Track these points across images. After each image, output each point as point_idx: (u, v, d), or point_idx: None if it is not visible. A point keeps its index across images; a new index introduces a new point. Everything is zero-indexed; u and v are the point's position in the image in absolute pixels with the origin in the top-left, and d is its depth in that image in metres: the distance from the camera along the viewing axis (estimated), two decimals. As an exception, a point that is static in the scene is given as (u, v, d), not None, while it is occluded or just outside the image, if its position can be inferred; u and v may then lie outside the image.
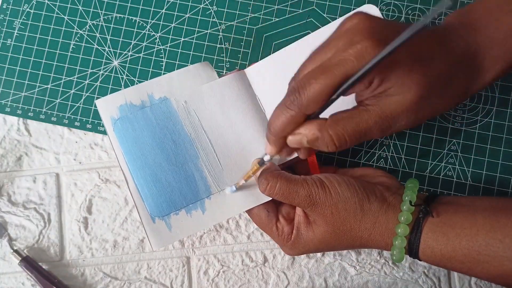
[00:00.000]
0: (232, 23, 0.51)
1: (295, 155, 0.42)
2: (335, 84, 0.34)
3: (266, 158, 0.41)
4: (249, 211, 0.44)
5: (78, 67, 0.52)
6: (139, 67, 0.51)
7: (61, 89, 0.51)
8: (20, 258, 0.48)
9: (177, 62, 0.51)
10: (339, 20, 0.38)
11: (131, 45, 0.52)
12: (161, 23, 0.52)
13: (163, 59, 0.51)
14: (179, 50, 0.51)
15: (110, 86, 0.51)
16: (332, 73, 0.34)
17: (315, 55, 0.37)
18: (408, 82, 0.35)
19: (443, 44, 0.38)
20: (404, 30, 0.30)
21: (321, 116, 0.37)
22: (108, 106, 0.44)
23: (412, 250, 0.39)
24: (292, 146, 0.38)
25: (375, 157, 0.49)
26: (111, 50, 0.52)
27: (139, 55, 0.51)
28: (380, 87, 0.35)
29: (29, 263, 0.48)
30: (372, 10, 0.46)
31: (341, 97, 0.35)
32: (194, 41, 0.51)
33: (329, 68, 0.34)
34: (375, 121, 0.36)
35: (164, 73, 0.51)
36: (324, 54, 0.36)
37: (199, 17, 0.52)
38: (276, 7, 0.51)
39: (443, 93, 0.38)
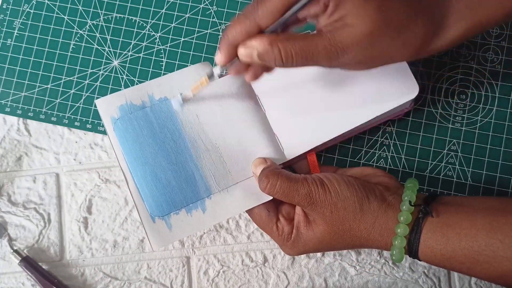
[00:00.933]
0: (232, 23, 0.51)
1: (243, 76, 0.42)
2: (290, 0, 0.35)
3: (216, 70, 0.40)
4: (249, 211, 0.44)
5: (78, 67, 0.52)
6: (139, 67, 0.51)
7: (61, 89, 0.51)
8: (20, 258, 0.48)
9: (177, 62, 0.51)
10: None
11: (131, 45, 0.52)
12: (161, 23, 0.52)
13: (163, 59, 0.51)
14: (179, 50, 0.51)
15: (110, 86, 0.51)
16: None
17: None
18: (363, 13, 0.35)
19: None
20: None
21: None
22: (108, 106, 0.44)
23: (412, 250, 0.39)
24: (242, 58, 0.37)
25: (375, 157, 0.49)
26: (111, 50, 0.52)
27: (139, 55, 0.51)
28: (335, 13, 0.35)
29: (29, 263, 0.48)
30: None
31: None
32: (194, 41, 0.51)
33: None
34: (324, 46, 0.35)
35: (164, 73, 0.51)
36: None
37: (199, 17, 0.52)
38: (276, 7, 0.51)
39: (397, 36, 0.36)
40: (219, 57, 0.39)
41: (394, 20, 0.36)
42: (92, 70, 0.51)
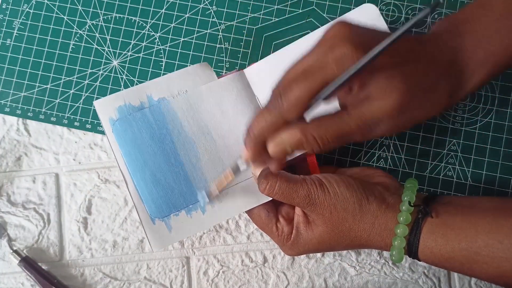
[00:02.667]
0: (231, 23, 0.51)
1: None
2: (315, 89, 0.34)
3: (242, 166, 0.40)
4: (249, 212, 0.44)
5: (77, 67, 0.51)
6: (138, 67, 0.51)
7: (60, 89, 0.51)
8: (19, 258, 0.48)
9: (176, 62, 0.51)
10: (329, 25, 0.39)
11: (131, 45, 0.52)
12: (161, 23, 0.52)
13: (163, 59, 0.51)
14: (179, 50, 0.51)
15: (109, 86, 0.51)
16: (312, 78, 0.34)
17: (298, 62, 0.37)
18: (389, 88, 0.35)
19: (425, 50, 0.38)
20: (383, 37, 0.30)
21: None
22: (106, 107, 0.44)
23: (411, 251, 0.39)
24: (274, 153, 0.38)
25: (375, 157, 0.49)
26: (111, 50, 0.52)
27: (139, 55, 0.51)
28: (361, 92, 0.36)
29: (29, 263, 0.48)
30: (372, 10, 0.46)
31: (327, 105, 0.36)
32: (193, 41, 0.51)
33: (309, 74, 0.35)
34: (356, 125, 0.36)
35: (163, 73, 0.51)
36: (306, 61, 0.36)
37: (198, 17, 0.52)
38: (276, 7, 0.51)
39: (425, 100, 0.37)
40: (247, 155, 0.39)
41: (421, 87, 0.37)
42: (91, 70, 0.51)
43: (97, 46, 0.52)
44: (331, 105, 0.38)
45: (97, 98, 0.51)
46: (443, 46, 0.39)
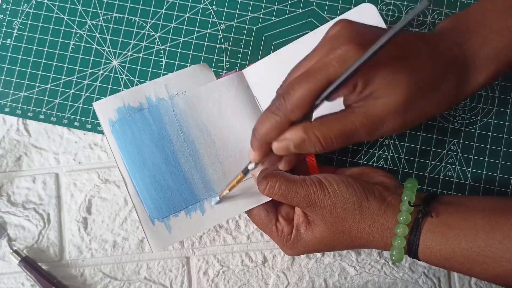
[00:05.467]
0: (231, 23, 0.51)
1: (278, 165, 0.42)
2: (318, 89, 0.34)
3: (250, 166, 0.41)
4: (248, 212, 0.44)
5: (77, 67, 0.51)
6: (138, 67, 0.51)
7: (60, 89, 0.51)
8: (19, 258, 0.48)
9: (176, 62, 0.51)
10: (330, 24, 0.38)
11: (131, 45, 0.52)
12: (161, 23, 0.52)
13: (163, 59, 0.51)
14: (179, 50, 0.51)
15: (109, 86, 0.51)
16: (315, 78, 0.34)
17: (301, 63, 0.37)
18: (394, 84, 0.35)
19: (431, 45, 0.38)
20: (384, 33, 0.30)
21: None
22: (106, 109, 0.44)
23: (411, 250, 0.39)
24: (279, 153, 0.38)
25: (375, 157, 0.49)
26: (111, 50, 0.52)
27: (139, 55, 0.51)
28: (365, 90, 0.35)
29: (29, 263, 0.48)
30: (370, 9, 0.46)
31: (332, 104, 0.36)
32: (193, 41, 0.51)
33: (312, 74, 0.35)
34: (361, 123, 0.36)
35: (163, 73, 0.51)
36: (308, 62, 0.36)
37: (198, 17, 0.52)
38: (276, 7, 0.51)
39: (431, 95, 0.37)
40: (254, 156, 0.39)
41: (426, 82, 0.36)
42: (91, 70, 0.51)
43: (97, 46, 0.52)
44: (338, 105, 0.38)
45: (97, 98, 0.51)
46: (449, 41, 0.38)
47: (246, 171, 0.41)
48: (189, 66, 0.51)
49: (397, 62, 0.35)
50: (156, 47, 0.51)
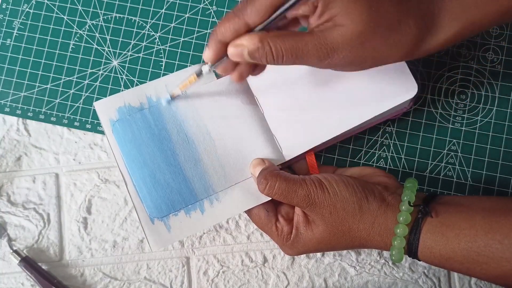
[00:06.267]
0: (231, 23, 0.51)
1: (229, 76, 0.42)
2: None
3: (204, 68, 0.40)
4: (248, 211, 0.44)
5: (77, 67, 0.51)
6: (138, 67, 0.51)
7: (60, 89, 0.51)
8: (19, 258, 0.48)
9: (176, 62, 0.51)
10: None
11: (131, 45, 0.52)
12: (161, 23, 0.52)
13: (163, 59, 0.51)
14: (179, 50, 0.51)
15: (109, 86, 0.51)
16: None
17: None
18: (352, 14, 0.34)
19: None
20: None
21: None
22: (106, 108, 0.44)
23: (411, 250, 0.39)
24: (233, 58, 0.37)
25: (375, 157, 0.49)
26: (111, 50, 0.52)
27: (139, 55, 0.51)
28: (325, 13, 0.35)
29: (29, 263, 0.48)
30: None
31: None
32: (194, 41, 0.51)
33: None
34: (314, 45, 0.35)
35: (164, 73, 0.51)
36: None
37: (198, 17, 0.52)
38: (275, 7, 0.51)
39: (388, 36, 0.36)
40: (207, 54, 0.39)
41: (385, 20, 0.35)
42: (91, 70, 0.51)
43: (97, 46, 0.52)
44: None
45: (97, 98, 0.51)
46: None
47: (199, 73, 0.41)
48: (189, 66, 0.51)
49: None
50: (156, 47, 0.51)
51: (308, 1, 0.35)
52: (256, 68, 0.41)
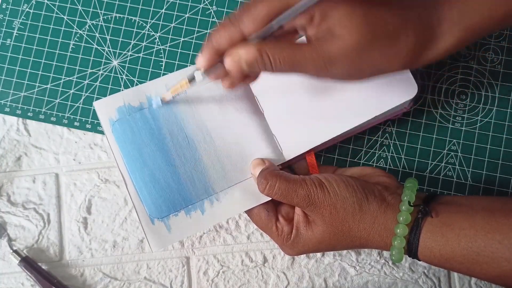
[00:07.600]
0: (231, 23, 0.51)
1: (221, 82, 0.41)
2: (276, 9, 0.34)
3: (197, 74, 0.40)
4: (248, 211, 0.44)
5: (77, 67, 0.51)
6: (138, 67, 0.51)
7: (60, 89, 0.51)
8: (19, 258, 0.48)
9: (176, 62, 0.51)
10: None
11: (131, 45, 0.52)
12: (161, 23, 0.52)
13: (163, 59, 0.51)
14: (179, 50, 0.51)
15: (109, 86, 0.51)
16: None
17: None
18: (349, 25, 0.34)
19: None
20: None
21: None
22: (106, 108, 0.44)
23: (411, 250, 0.39)
24: (231, 68, 0.37)
25: (375, 157, 0.49)
26: (111, 50, 0.52)
27: (139, 55, 0.51)
28: (322, 24, 0.34)
29: (29, 263, 0.48)
30: None
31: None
32: (194, 41, 0.51)
33: None
34: (311, 56, 0.35)
35: (164, 73, 0.51)
36: None
37: (198, 17, 0.52)
38: (275, 7, 0.51)
39: (387, 48, 0.35)
40: (200, 60, 0.38)
41: (383, 31, 0.35)
42: (91, 70, 0.51)
43: (97, 46, 0.52)
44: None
45: (97, 98, 0.51)
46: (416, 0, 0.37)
47: (191, 78, 0.40)
48: (189, 66, 0.51)
49: (359, 3, 0.34)
50: (156, 47, 0.51)
51: (304, 12, 0.34)
52: (248, 76, 0.40)
